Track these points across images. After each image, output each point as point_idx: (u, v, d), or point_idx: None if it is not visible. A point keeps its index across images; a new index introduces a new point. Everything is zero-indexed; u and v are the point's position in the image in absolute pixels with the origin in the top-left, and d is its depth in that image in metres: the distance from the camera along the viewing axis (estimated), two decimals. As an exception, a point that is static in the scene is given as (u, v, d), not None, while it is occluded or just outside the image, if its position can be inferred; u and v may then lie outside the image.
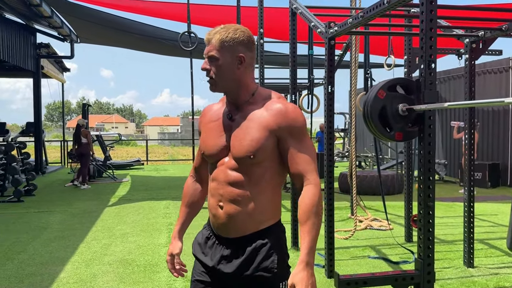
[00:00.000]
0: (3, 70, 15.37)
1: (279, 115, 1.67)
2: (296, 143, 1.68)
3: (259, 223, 1.71)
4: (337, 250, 4.91)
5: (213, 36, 1.69)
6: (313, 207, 1.64)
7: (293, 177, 1.71)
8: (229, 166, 1.71)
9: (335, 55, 7.58)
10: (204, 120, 1.84)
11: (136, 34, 10.73)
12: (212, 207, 1.75)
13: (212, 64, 1.68)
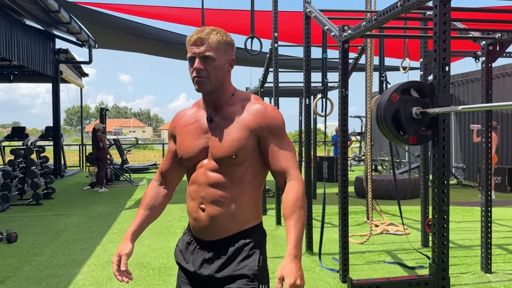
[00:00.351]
0: (23, 75, 15.70)
1: (259, 114, 1.70)
2: (276, 141, 1.71)
3: (242, 224, 1.71)
4: (352, 254, 4.88)
5: (207, 36, 1.68)
6: (298, 200, 1.65)
7: (275, 175, 1.73)
8: (209, 167, 1.71)
9: (350, 58, 7.56)
10: (179, 124, 1.82)
11: (154, 40, 10.84)
12: (192, 210, 1.74)
13: (206, 64, 1.67)
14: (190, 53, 1.69)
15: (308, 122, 5.54)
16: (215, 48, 1.67)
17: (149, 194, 1.88)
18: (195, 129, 1.76)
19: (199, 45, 1.67)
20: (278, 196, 6.77)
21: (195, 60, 1.68)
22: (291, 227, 1.62)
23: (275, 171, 1.72)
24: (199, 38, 1.67)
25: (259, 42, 6.26)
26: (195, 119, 1.77)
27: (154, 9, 9.71)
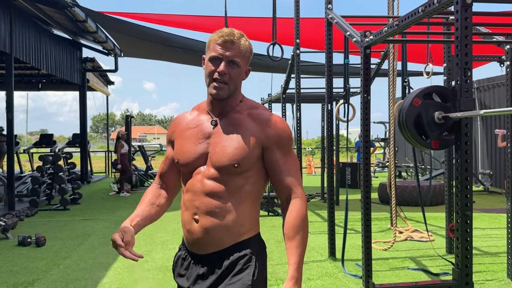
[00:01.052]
0: (51, 84, 16.14)
1: (267, 125, 1.63)
2: (282, 155, 1.63)
3: (238, 236, 1.62)
4: (376, 261, 4.85)
5: (238, 41, 1.61)
6: (301, 221, 1.59)
7: (278, 189, 1.65)
8: (207, 175, 1.61)
9: (373, 63, 7.54)
10: (178, 129, 1.73)
11: (178, 48, 11.02)
12: (186, 222, 1.64)
13: (230, 68, 1.60)
14: (215, 52, 1.60)
15: (330, 128, 5.55)
16: (242, 54, 1.62)
17: (149, 193, 1.78)
18: (196, 134, 1.66)
19: (229, 48, 1.59)
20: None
21: (220, 62, 1.59)
22: (293, 249, 1.57)
23: (278, 185, 1.65)
24: (230, 41, 1.59)
25: (280, 49, 6.31)
26: (196, 123, 1.68)
27: (178, 17, 9.88)
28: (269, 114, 1.67)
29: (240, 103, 1.67)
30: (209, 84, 1.61)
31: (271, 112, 1.70)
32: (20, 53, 8.88)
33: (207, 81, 1.61)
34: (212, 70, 1.59)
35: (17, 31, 8.64)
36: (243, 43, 1.61)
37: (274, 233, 6.45)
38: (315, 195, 10.42)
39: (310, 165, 18.11)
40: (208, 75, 1.61)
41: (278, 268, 4.74)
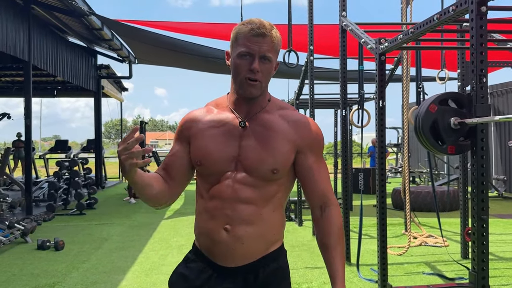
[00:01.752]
0: (66, 90, 16.38)
1: (302, 127, 1.52)
2: (316, 160, 1.54)
3: (270, 245, 1.53)
4: (391, 266, 4.87)
5: (270, 33, 1.44)
6: (341, 230, 1.54)
7: (312, 196, 1.56)
8: (240, 180, 1.47)
9: (386, 69, 7.57)
10: (197, 126, 1.54)
11: (189, 54, 11.15)
12: (212, 231, 1.48)
13: (262, 65, 1.44)
14: (245, 47, 1.43)
15: (345, 133, 5.60)
16: (274, 48, 1.47)
17: (153, 176, 1.55)
18: (223, 134, 1.49)
19: (261, 42, 1.43)
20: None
21: (252, 58, 1.43)
22: (337, 259, 1.50)
23: (312, 192, 1.55)
24: (262, 33, 1.43)
25: (296, 56, 6.39)
26: (220, 122, 1.51)
27: (192, 25, 10.02)
28: (303, 116, 1.57)
29: (268, 102, 1.54)
30: (239, 82, 1.46)
31: (303, 114, 1.63)
32: (38, 60, 9.07)
33: (238, 79, 1.46)
34: (243, 67, 1.44)
35: (35, 39, 8.83)
36: (274, 35, 1.46)
37: (288, 238, 6.49)
38: (328, 200, 10.43)
39: (322, 171, 18.08)
40: (239, 72, 1.45)
41: (294, 272, 4.78)
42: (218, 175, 1.49)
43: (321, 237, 1.55)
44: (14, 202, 7.27)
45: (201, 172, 1.53)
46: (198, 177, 1.57)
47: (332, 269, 1.50)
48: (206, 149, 1.49)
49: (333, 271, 1.49)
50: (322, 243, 1.54)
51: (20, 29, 8.20)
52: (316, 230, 1.59)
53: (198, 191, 1.56)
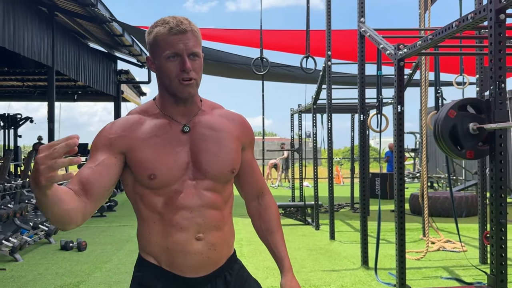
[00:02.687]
0: (86, 95, 16.70)
1: (243, 125, 1.54)
2: (252, 155, 1.60)
3: (231, 247, 1.53)
4: (409, 270, 4.89)
5: (189, 27, 1.36)
6: (278, 215, 1.64)
7: (249, 188, 1.61)
8: (203, 186, 1.41)
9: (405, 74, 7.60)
10: (134, 136, 1.38)
11: (209, 60, 11.30)
12: (183, 243, 1.39)
13: (193, 62, 1.37)
14: (171, 49, 1.34)
15: (363, 138, 5.64)
16: (199, 42, 1.39)
17: (64, 189, 1.27)
18: (169, 141, 1.39)
19: (184, 39, 1.35)
20: (332, 212, 6.85)
21: (181, 57, 1.35)
22: (281, 241, 1.60)
23: (250, 184, 1.60)
24: (183, 30, 1.35)
25: (313, 61, 6.47)
26: (160, 130, 1.40)
27: (211, 31, 10.16)
28: (237, 113, 1.56)
29: (201, 102, 1.49)
30: (174, 85, 1.37)
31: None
32: (61, 66, 9.31)
33: (170, 83, 1.37)
34: (173, 69, 1.35)
35: (58, 45, 9.07)
36: (195, 28, 1.39)
37: (306, 242, 6.55)
38: (344, 205, 10.46)
39: (338, 175, 18.10)
40: (170, 76, 1.36)
41: (312, 275, 4.84)
42: (175, 185, 1.38)
43: (262, 224, 1.61)
44: (38, 204, 7.46)
45: (151, 186, 1.37)
46: (143, 193, 1.39)
47: (278, 251, 1.59)
48: (158, 160, 1.36)
49: (279, 251, 1.59)
50: (265, 229, 1.61)
51: (45, 36, 8.44)
52: (255, 220, 1.64)
53: (144, 209, 1.40)
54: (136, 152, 1.37)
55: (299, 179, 9.98)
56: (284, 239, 1.64)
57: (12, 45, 6.94)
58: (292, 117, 10.61)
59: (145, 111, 1.44)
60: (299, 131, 9.96)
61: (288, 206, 8.52)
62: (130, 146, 1.37)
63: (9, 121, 13.78)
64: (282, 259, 1.59)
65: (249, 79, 12.59)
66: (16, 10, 7.11)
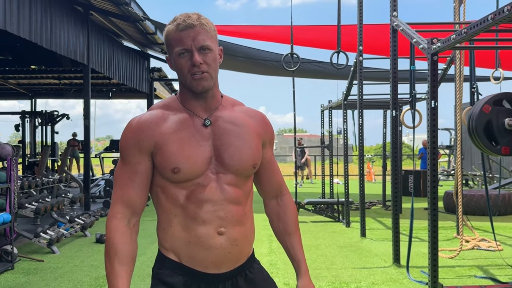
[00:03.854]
0: (120, 92, 17.04)
1: (263, 122, 1.54)
2: (271, 153, 1.59)
3: (251, 245, 1.52)
4: (442, 268, 4.81)
5: (199, 22, 1.37)
6: (297, 216, 1.63)
7: (268, 186, 1.60)
8: (226, 181, 1.41)
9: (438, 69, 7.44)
10: (159, 132, 1.39)
11: (239, 57, 11.35)
12: (205, 237, 1.38)
13: (204, 55, 1.37)
14: (180, 46, 1.36)
15: (395, 135, 5.56)
16: (209, 35, 1.39)
17: (124, 242, 1.38)
18: (193, 136, 1.40)
19: (193, 35, 1.35)
20: (363, 209, 6.79)
21: (190, 53, 1.36)
22: (298, 243, 1.58)
23: (269, 183, 1.60)
24: (191, 25, 1.36)
25: (345, 56, 6.40)
26: (184, 124, 1.41)
27: (241, 28, 10.20)
28: (257, 110, 1.56)
29: (222, 98, 1.49)
30: (188, 81, 1.39)
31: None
32: (96, 64, 9.53)
33: (185, 79, 1.39)
34: (185, 64, 1.37)
35: (93, 44, 9.30)
36: (204, 22, 1.39)
37: (336, 239, 6.51)
38: (376, 202, 10.33)
39: (369, 172, 17.88)
40: (183, 72, 1.38)
41: (342, 272, 4.82)
42: (198, 179, 1.38)
43: (281, 225, 1.60)
44: (74, 198, 7.69)
45: (174, 180, 1.38)
46: (165, 186, 1.41)
47: (295, 253, 1.57)
48: (181, 154, 1.37)
49: (296, 254, 1.57)
50: (283, 230, 1.59)
51: (80, 34, 8.67)
52: (273, 220, 1.63)
53: (165, 201, 1.42)
54: (161, 147, 1.38)
55: (329, 176, 9.92)
56: (301, 241, 1.62)
57: (49, 44, 7.16)
58: (323, 113, 10.54)
59: (167, 106, 1.45)
60: (330, 127, 9.88)
61: (319, 202, 8.48)
62: (156, 142, 1.39)
63: (46, 118, 14.22)
64: (299, 262, 1.58)
65: (279, 75, 12.59)
66: (53, 10, 7.33)
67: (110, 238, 1.38)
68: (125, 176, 1.41)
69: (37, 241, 5.75)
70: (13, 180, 5.31)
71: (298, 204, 8.09)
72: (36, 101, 16.32)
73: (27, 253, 5.58)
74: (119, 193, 1.41)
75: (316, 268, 4.94)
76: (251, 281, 1.47)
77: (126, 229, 1.39)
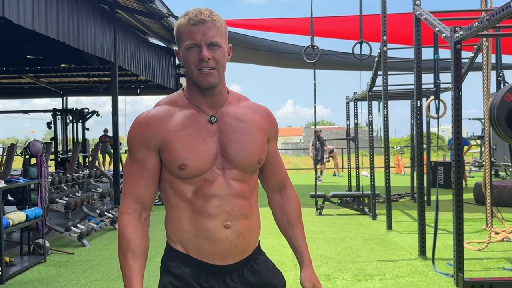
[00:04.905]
0: (148, 89, 17.29)
1: (268, 117, 1.56)
2: (276, 147, 1.62)
3: (257, 238, 1.56)
4: (469, 260, 4.74)
5: (210, 18, 1.39)
6: (300, 208, 1.65)
7: (272, 180, 1.63)
8: (232, 176, 1.44)
9: (466, 57, 7.25)
10: (166, 128, 1.42)
11: (263, 51, 11.35)
12: (213, 231, 1.42)
13: (213, 52, 1.39)
14: (190, 40, 1.38)
15: (419, 126, 5.47)
16: (220, 32, 1.40)
17: (136, 236, 1.43)
18: (199, 132, 1.42)
19: (203, 29, 1.37)
20: (389, 202, 6.71)
21: (199, 48, 1.38)
22: (301, 235, 1.62)
23: (273, 176, 1.62)
24: (202, 20, 1.37)
25: (368, 47, 6.32)
26: (191, 121, 1.44)
27: (263, 21, 10.20)
28: (263, 106, 1.59)
29: (228, 94, 1.52)
30: (195, 75, 1.41)
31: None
32: (123, 61, 9.70)
33: (192, 73, 1.41)
34: (193, 59, 1.39)
35: (119, 42, 9.47)
36: (216, 19, 1.41)
37: (362, 231, 6.47)
38: (404, 194, 10.19)
39: (399, 164, 17.61)
40: (191, 66, 1.40)
41: (366, 264, 4.80)
42: (205, 174, 1.42)
43: (284, 217, 1.63)
44: (103, 193, 7.89)
45: (181, 176, 1.42)
46: (173, 182, 1.44)
47: (299, 245, 1.60)
48: (188, 151, 1.40)
49: (299, 246, 1.60)
50: (286, 223, 1.62)
51: (107, 33, 8.84)
52: (276, 213, 1.66)
53: (173, 196, 1.45)
54: (168, 143, 1.41)
55: (355, 168, 9.84)
56: (305, 234, 1.64)
57: (77, 42, 7.33)
58: (348, 105, 10.44)
59: (174, 101, 1.48)
60: (355, 119, 9.79)
61: (344, 195, 8.43)
62: (163, 139, 1.42)
63: (77, 115, 14.56)
64: (302, 254, 1.61)
65: (302, 68, 12.53)
66: (79, 9, 7.50)
67: (122, 233, 1.43)
68: (134, 172, 1.45)
69: (68, 234, 5.94)
70: (44, 175, 5.50)
71: (323, 197, 8.06)
72: (67, 98, 16.76)
73: (59, 247, 5.78)
74: (129, 189, 1.46)
75: (340, 261, 4.93)
76: (256, 273, 1.51)
77: (137, 224, 1.44)
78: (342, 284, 4.22)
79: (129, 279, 1.39)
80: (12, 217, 4.71)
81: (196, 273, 1.44)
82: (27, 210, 5.06)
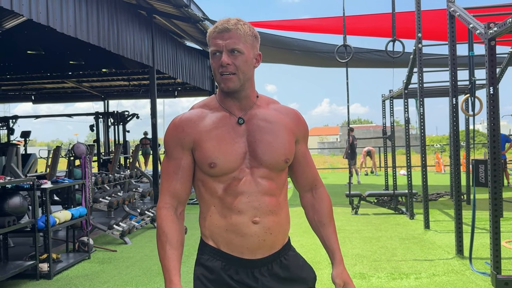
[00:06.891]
0: (185, 91, 17.63)
1: (297, 118, 1.63)
2: (306, 148, 1.67)
3: (286, 234, 1.62)
4: (508, 260, 4.65)
5: (234, 26, 1.49)
6: (331, 208, 1.69)
7: (303, 180, 1.68)
8: (260, 174, 1.52)
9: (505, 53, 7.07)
10: (198, 129, 1.53)
11: (297, 51, 11.39)
12: (240, 225, 1.51)
13: (234, 57, 1.48)
14: (214, 47, 1.49)
15: (456, 123, 5.39)
16: (242, 40, 1.49)
17: (173, 228, 1.55)
18: (228, 133, 1.52)
19: (226, 37, 1.48)
20: (426, 201, 6.63)
21: (221, 54, 1.49)
22: (333, 234, 1.66)
23: (304, 176, 1.67)
24: (226, 28, 1.48)
25: (401, 44, 6.27)
26: (221, 123, 1.54)
27: (296, 22, 10.24)
28: (292, 108, 1.67)
29: (257, 98, 1.60)
30: (217, 80, 1.52)
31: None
32: (161, 65, 9.98)
33: (216, 77, 1.52)
34: (216, 64, 1.50)
35: (157, 46, 9.74)
36: (240, 27, 1.49)
37: (399, 231, 6.43)
38: (444, 193, 9.99)
39: (438, 163, 17.22)
40: (214, 71, 1.52)
41: (402, 263, 4.78)
42: (234, 173, 1.51)
43: (315, 216, 1.68)
44: (144, 192, 8.16)
45: (212, 174, 1.52)
46: (204, 179, 1.55)
47: (331, 243, 1.65)
48: (219, 150, 1.50)
49: (331, 244, 1.65)
50: (318, 221, 1.67)
51: (145, 38, 9.12)
52: (308, 212, 1.71)
53: (205, 193, 1.55)
54: (200, 143, 1.52)
55: (392, 167, 9.73)
56: (336, 232, 1.68)
57: (116, 48, 7.62)
58: (384, 103, 10.34)
59: (206, 105, 1.59)
60: (391, 117, 9.68)
61: (380, 195, 8.37)
62: (195, 139, 1.53)
63: (118, 118, 15.02)
64: (334, 252, 1.65)
65: (335, 67, 12.48)
66: (119, 16, 7.79)
67: (160, 226, 1.55)
68: (171, 170, 1.56)
69: (110, 232, 6.19)
70: (87, 176, 5.77)
71: (359, 196, 8.04)
72: (108, 102, 17.30)
73: (102, 244, 6.04)
74: (166, 186, 1.57)
75: (375, 260, 4.93)
76: (285, 267, 1.57)
77: (174, 218, 1.56)
78: (377, 282, 4.24)
79: (167, 269, 1.50)
80: (58, 216, 4.98)
81: (226, 266, 1.53)
82: (72, 209, 5.33)
